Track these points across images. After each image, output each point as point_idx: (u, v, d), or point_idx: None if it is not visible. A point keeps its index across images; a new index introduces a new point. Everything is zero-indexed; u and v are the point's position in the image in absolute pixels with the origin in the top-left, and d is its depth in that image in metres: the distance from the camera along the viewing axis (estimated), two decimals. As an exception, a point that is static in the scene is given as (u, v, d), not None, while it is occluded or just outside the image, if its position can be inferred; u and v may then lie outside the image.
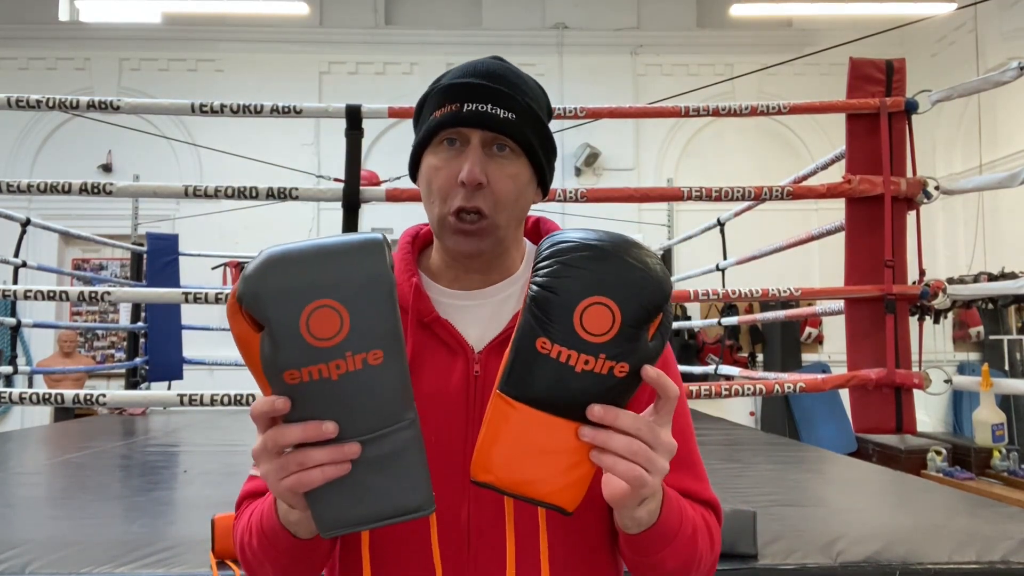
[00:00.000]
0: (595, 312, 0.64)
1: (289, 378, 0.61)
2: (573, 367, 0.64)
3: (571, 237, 0.68)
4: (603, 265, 0.65)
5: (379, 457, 0.63)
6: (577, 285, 0.65)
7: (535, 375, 0.66)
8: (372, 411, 0.63)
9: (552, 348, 0.65)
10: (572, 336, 0.64)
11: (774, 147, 7.63)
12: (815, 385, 2.36)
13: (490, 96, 0.82)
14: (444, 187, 0.83)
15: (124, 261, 7.18)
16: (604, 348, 0.64)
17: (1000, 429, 2.40)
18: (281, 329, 0.60)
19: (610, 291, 0.64)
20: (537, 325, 0.66)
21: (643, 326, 0.66)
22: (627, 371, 0.65)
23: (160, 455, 3.46)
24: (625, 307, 0.64)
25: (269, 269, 0.61)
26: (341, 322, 0.60)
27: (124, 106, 2.47)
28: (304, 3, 6.92)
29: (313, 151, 7.38)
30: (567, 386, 0.65)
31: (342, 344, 0.60)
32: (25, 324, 4.38)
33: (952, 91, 2.37)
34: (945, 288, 2.35)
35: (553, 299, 0.65)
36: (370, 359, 0.61)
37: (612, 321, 0.64)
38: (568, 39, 7.71)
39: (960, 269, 6.63)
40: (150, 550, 1.74)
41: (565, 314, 0.64)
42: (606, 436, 0.65)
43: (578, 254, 0.66)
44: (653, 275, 0.66)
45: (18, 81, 7.29)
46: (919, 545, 1.80)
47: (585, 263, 0.66)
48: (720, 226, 4.21)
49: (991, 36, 6.55)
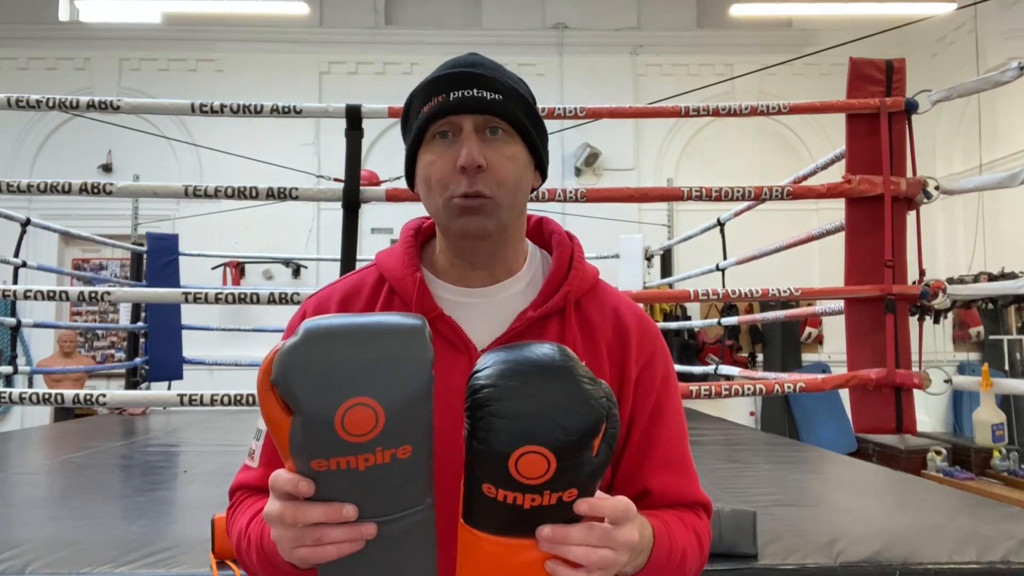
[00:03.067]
0: (528, 460, 0.64)
1: (316, 466, 0.61)
2: (521, 506, 0.66)
3: (495, 373, 0.68)
4: (528, 406, 0.65)
5: (394, 536, 0.64)
6: (506, 438, 0.65)
7: (489, 512, 0.67)
8: (393, 497, 0.64)
9: (497, 493, 0.66)
10: (513, 483, 0.65)
11: (774, 147, 7.63)
12: (815, 385, 2.36)
13: (474, 81, 0.82)
14: (443, 177, 0.82)
15: (124, 261, 7.17)
16: (546, 486, 0.65)
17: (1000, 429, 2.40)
18: (315, 423, 0.59)
19: (539, 438, 0.64)
20: (479, 472, 0.67)
21: (583, 451, 0.66)
22: (576, 494, 0.67)
23: (160, 455, 3.46)
24: (558, 448, 0.65)
25: (307, 354, 0.59)
26: (376, 421, 0.60)
27: (124, 106, 2.47)
28: (304, 3, 6.92)
29: (313, 151, 7.38)
30: (521, 519, 0.67)
31: (374, 441, 0.60)
32: (25, 324, 4.38)
33: (952, 91, 2.37)
34: (945, 288, 2.35)
35: (487, 452, 0.66)
36: (399, 454, 0.62)
37: (547, 465, 0.64)
38: (568, 39, 7.71)
39: (960, 269, 6.62)
40: (150, 550, 1.74)
41: (500, 465, 0.65)
42: (566, 549, 0.68)
43: (501, 403, 0.66)
44: (581, 403, 0.66)
45: (18, 81, 7.29)
46: (919, 545, 1.80)
47: (510, 409, 0.65)
48: (720, 226, 4.21)
49: (991, 36, 6.55)
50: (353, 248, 2.45)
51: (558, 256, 0.90)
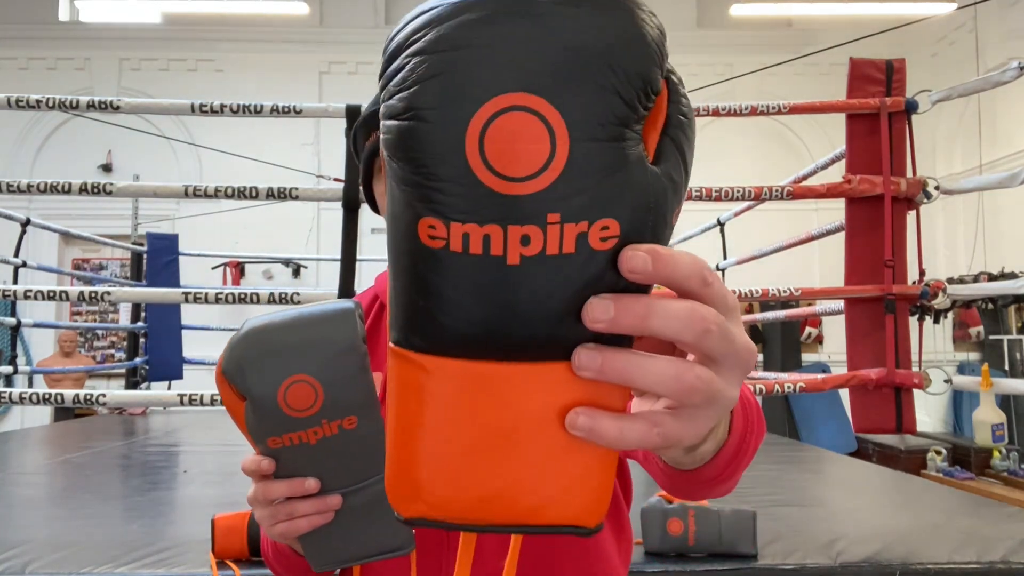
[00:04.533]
0: (507, 128, 0.27)
1: (272, 443, 0.66)
2: (501, 257, 0.29)
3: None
4: (506, 29, 0.28)
5: (361, 505, 0.69)
6: (461, 84, 0.28)
7: (440, 297, 0.30)
8: (350, 467, 0.68)
9: (450, 232, 0.29)
10: (477, 194, 0.28)
11: (774, 147, 7.63)
12: (815, 385, 2.36)
13: None
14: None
15: (124, 261, 7.18)
16: (551, 199, 0.28)
17: (1000, 429, 2.41)
18: (261, 402, 0.64)
19: (529, 78, 0.27)
20: (411, 196, 0.29)
21: (623, 131, 0.29)
22: (618, 235, 0.30)
23: (160, 455, 3.46)
24: (568, 101, 0.28)
25: (249, 344, 0.65)
26: (315, 395, 0.64)
27: (124, 106, 2.47)
28: (304, 3, 6.92)
29: (313, 151, 7.38)
30: (505, 300, 0.30)
31: (318, 414, 0.65)
32: (25, 324, 4.38)
33: (952, 91, 2.37)
34: (945, 288, 2.35)
35: (419, 129, 0.28)
36: (345, 424, 0.66)
37: (550, 137, 0.28)
38: (568, 39, 7.71)
39: (960, 269, 6.62)
40: (150, 550, 1.74)
41: (449, 151, 0.28)
42: (633, 361, 0.31)
43: (453, 25, 0.28)
44: (622, 19, 0.28)
45: (18, 81, 7.29)
46: (919, 545, 1.80)
47: (470, 33, 0.28)
48: (720, 226, 4.21)
49: (991, 36, 6.55)
50: (353, 248, 2.45)
51: None
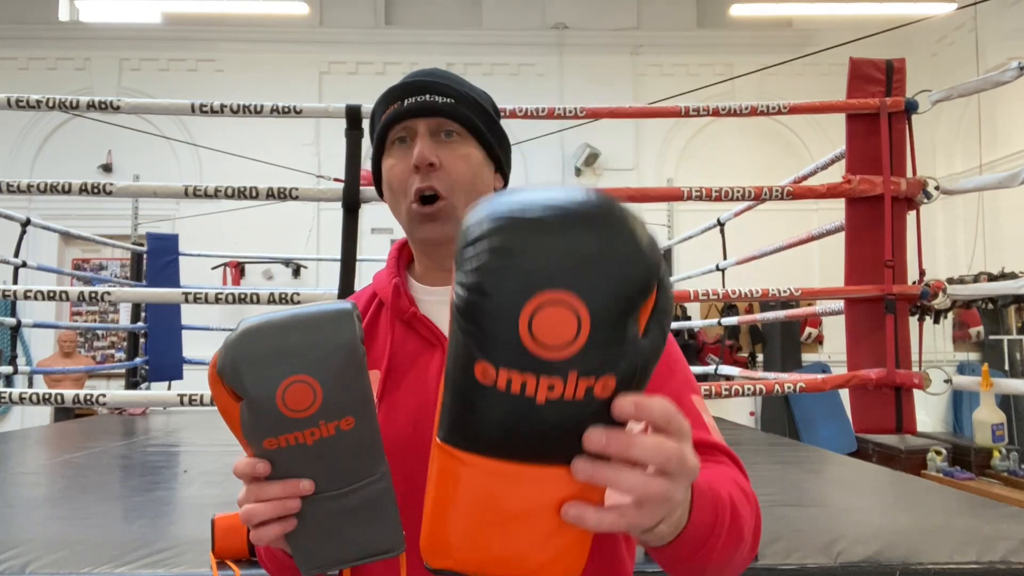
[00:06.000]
0: (550, 314, 0.44)
1: (268, 444, 0.64)
2: (532, 398, 0.45)
3: (502, 203, 0.47)
4: (552, 241, 0.44)
5: (353, 507, 0.67)
6: (517, 278, 0.44)
7: (482, 415, 0.47)
8: (346, 469, 0.67)
9: (497, 375, 0.45)
10: (522, 355, 0.44)
11: (774, 147, 7.63)
12: (815, 385, 2.36)
13: (427, 88, 0.87)
14: (400, 178, 0.87)
15: (124, 261, 7.18)
16: (573, 363, 0.44)
17: (1000, 429, 2.41)
18: (259, 403, 0.62)
19: (567, 279, 0.44)
20: (471, 345, 0.46)
21: (627, 319, 0.46)
22: (613, 386, 0.46)
23: (160, 455, 3.46)
24: (594, 301, 0.44)
25: (246, 344, 0.64)
26: (314, 395, 0.63)
27: (124, 106, 2.46)
28: (304, 3, 6.92)
29: (313, 151, 7.38)
30: (530, 424, 0.46)
31: (315, 415, 0.63)
32: (25, 324, 4.38)
33: (952, 91, 2.37)
34: (945, 288, 2.35)
35: (487, 308, 0.44)
36: (342, 425, 0.64)
37: (577, 323, 0.44)
38: (568, 39, 7.71)
39: (960, 269, 6.62)
40: (150, 550, 1.74)
41: (508, 326, 0.44)
42: (611, 472, 0.47)
43: (513, 232, 0.44)
44: (630, 242, 0.46)
45: (18, 81, 7.29)
46: (919, 545, 1.80)
47: (525, 242, 0.44)
48: (720, 226, 4.21)
49: (991, 36, 6.55)
50: (353, 248, 2.45)
51: None
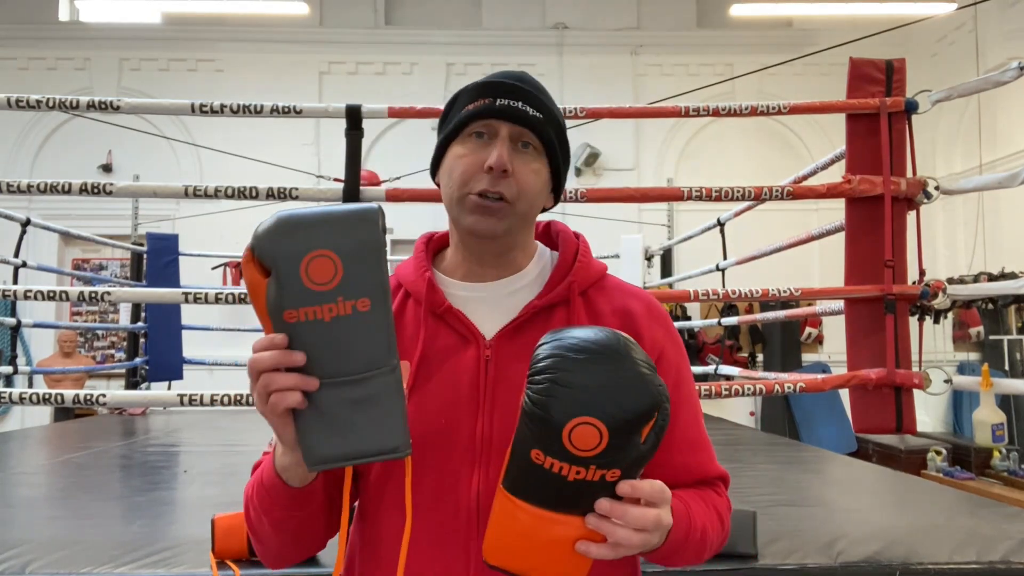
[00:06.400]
0: (583, 432, 0.69)
1: (288, 317, 0.69)
2: (565, 476, 0.70)
3: (563, 346, 0.72)
4: (591, 379, 0.70)
5: (362, 398, 0.70)
6: (565, 406, 0.69)
7: (532, 480, 0.72)
8: (358, 354, 0.70)
9: (545, 460, 0.70)
10: (563, 452, 0.70)
11: (774, 147, 7.63)
12: (815, 385, 2.36)
13: (521, 95, 0.89)
14: (468, 171, 0.87)
15: (124, 261, 7.17)
16: (594, 460, 0.69)
17: (1000, 429, 2.40)
18: (284, 273, 0.68)
19: (596, 410, 0.69)
20: (531, 437, 0.71)
21: (634, 434, 0.70)
22: (619, 475, 0.71)
23: (160, 455, 3.46)
24: (612, 424, 0.69)
25: (279, 226, 0.69)
26: (336, 270, 0.68)
27: (124, 106, 2.46)
28: (304, 3, 6.92)
29: (313, 151, 7.38)
30: (562, 491, 0.71)
31: (335, 290, 0.68)
32: (25, 324, 4.38)
33: (952, 91, 2.37)
34: (945, 288, 2.35)
35: (544, 418, 0.70)
36: (359, 306, 0.69)
37: (599, 438, 0.69)
38: (568, 39, 7.71)
39: (960, 269, 6.62)
40: (150, 550, 1.74)
41: (555, 433, 0.69)
42: (610, 528, 0.72)
43: (566, 372, 0.70)
44: (640, 386, 0.71)
45: (18, 81, 7.29)
46: (919, 545, 1.80)
47: (574, 380, 0.70)
48: (720, 226, 4.21)
49: (991, 36, 6.55)
50: (353, 248, 2.45)
51: (563, 251, 0.96)
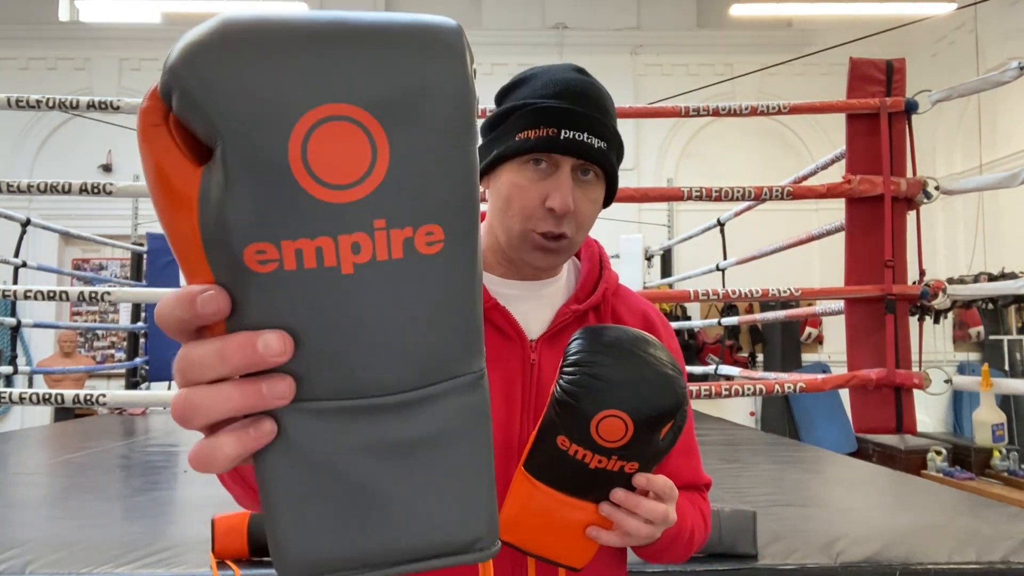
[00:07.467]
0: (610, 423, 0.72)
1: (253, 260, 0.30)
2: (587, 464, 0.73)
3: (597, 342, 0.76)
4: (622, 375, 0.73)
5: (413, 440, 0.32)
6: (596, 398, 0.72)
7: (554, 465, 0.75)
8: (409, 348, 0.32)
9: (570, 447, 0.73)
10: (589, 440, 0.73)
11: (774, 147, 7.63)
12: (815, 385, 2.36)
13: (585, 124, 0.83)
14: (528, 207, 0.83)
15: (124, 261, 7.17)
16: (616, 452, 0.73)
17: (1000, 429, 2.41)
18: (253, 156, 0.30)
19: (624, 404, 0.72)
20: (559, 424, 0.74)
21: (656, 430, 0.73)
22: (636, 468, 0.75)
23: (160, 455, 3.46)
24: (638, 419, 0.72)
25: (233, 43, 0.31)
26: (373, 155, 0.30)
27: (124, 106, 2.46)
28: (304, 3, 6.92)
29: (313, 151, 7.38)
30: (581, 477, 0.75)
31: (368, 200, 0.30)
32: (25, 324, 4.38)
33: (952, 91, 2.37)
34: (945, 288, 2.35)
35: (575, 407, 0.73)
36: (418, 243, 0.31)
37: (625, 431, 0.72)
38: (568, 39, 7.71)
39: (960, 269, 6.62)
40: (150, 550, 1.74)
41: (584, 423, 0.72)
42: (622, 516, 0.75)
43: (599, 367, 0.73)
44: (667, 385, 0.74)
45: (18, 81, 7.29)
46: (919, 545, 1.80)
47: (605, 374, 0.73)
48: (720, 226, 4.21)
49: (991, 36, 6.55)
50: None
51: (588, 257, 0.96)
